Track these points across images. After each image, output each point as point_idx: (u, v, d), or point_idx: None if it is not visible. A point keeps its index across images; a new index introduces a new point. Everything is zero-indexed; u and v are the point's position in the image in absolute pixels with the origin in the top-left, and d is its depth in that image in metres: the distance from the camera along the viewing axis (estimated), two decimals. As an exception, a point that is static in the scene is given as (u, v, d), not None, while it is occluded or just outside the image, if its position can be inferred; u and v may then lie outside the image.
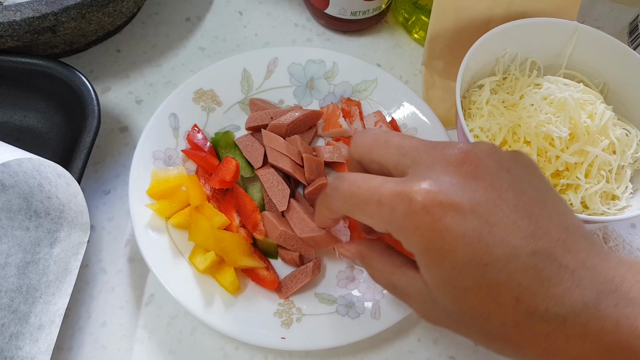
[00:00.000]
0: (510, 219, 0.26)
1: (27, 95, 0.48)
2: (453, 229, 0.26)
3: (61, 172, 0.38)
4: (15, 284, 0.39)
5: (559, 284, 0.25)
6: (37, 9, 0.43)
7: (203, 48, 0.57)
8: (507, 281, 0.25)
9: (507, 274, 0.25)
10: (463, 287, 0.26)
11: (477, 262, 0.25)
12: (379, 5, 0.57)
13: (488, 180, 0.27)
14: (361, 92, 0.53)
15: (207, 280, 0.43)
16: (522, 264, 0.25)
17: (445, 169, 0.27)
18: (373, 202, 0.28)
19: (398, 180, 0.28)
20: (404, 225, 0.27)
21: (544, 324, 0.25)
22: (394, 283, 0.31)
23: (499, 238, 0.25)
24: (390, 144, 0.31)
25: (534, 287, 0.25)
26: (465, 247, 0.26)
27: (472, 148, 0.28)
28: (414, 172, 0.28)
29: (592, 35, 0.50)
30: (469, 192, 0.26)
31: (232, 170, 0.45)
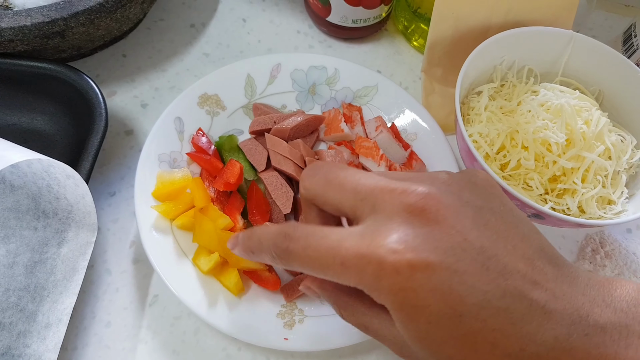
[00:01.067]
0: (478, 262, 0.26)
1: (35, 98, 0.49)
2: (425, 285, 0.25)
3: (70, 173, 0.39)
4: (23, 283, 0.40)
5: (531, 322, 0.25)
6: (47, 14, 0.44)
7: (207, 54, 0.59)
8: (482, 328, 0.25)
9: (481, 321, 0.25)
10: (440, 340, 0.26)
11: (451, 314, 0.25)
12: (379, 14, 0.58)
13: (450, 224, 0.26)
14: (362, 97, 0.54)
15: (210, 281, 0.43)
16: (494, 308, 0.25)
17: (406, 219, 0.27)
18: (336, 264, 0.27)
19: (358, 235, 0.27)
20: (375, 286, 0.26)
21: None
22: (366, 325, 0.31)
23: (469, 286, 0.25)
24: (345, 187, 0.30)
25: (507, 330, 0.25)
26: (439, 301, 0.25)
27: (429, 190, 0.27)
28: (374, 222, 0.28)
29: (587, 43, 0.51)
30: (433, 242, 0.26)
31: (236, 173, 0.46)
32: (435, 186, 0.28)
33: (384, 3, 0.56)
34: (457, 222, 0.27)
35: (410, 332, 0.27)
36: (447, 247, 0.26)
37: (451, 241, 0.26)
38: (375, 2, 0.55)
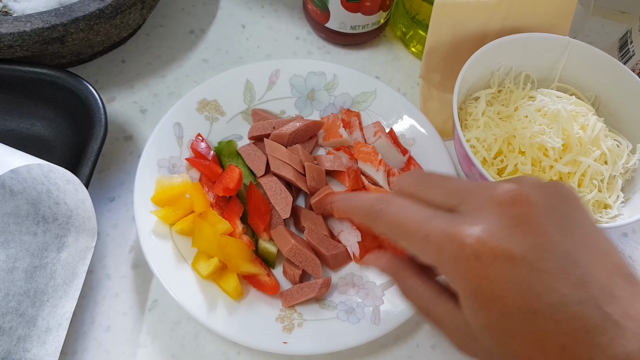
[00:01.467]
0: (560, 266, 0.26)
1: (34, 103, 0.49)
2: (503, 275, 0.26)
3: (70, 178, 0.39)
4: (23, 287, 0.40)
5: (603, 334, 0.25)
6: (46, 20, 0.44)
7: (206, 60, 0.59)
8: (554, 329, 0.25)
9: (554, 322, 0.25)
10: (510, 333, 0.26)
11: (526, 309, 0.26)
12: (377, 20, 0.58)
13: (537, 222, 0.27)
14: (361, 103, 0.55)
15: (210, 286, 0.43)
16: (570, 312, 0.25)
17: (494, 211, 0.27)
18: (420, 236, 0.28)
19: (447, 218, 0.28)
20: (453, 266, 0.27)
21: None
22: (430, 310, 0.30)
23: (548, 286, 0.25)
24: (434, 185, 0.31)
25: (580, 337, 0.25)
26: (515, 294, 0.26)
27: (520, 188, 0.28)
28: (463, 211, 0.28)
29: (584, 50, 0.51)
30: (519, 236, 0.26)
31: (236, 178, 0.46)
32: (525, 186, 0.28)
33: (383, 9, 0.57)
34: (544, 222, 0.27)
35: (480, 320, 0.27)
36: (532, 244, 0.26)
37: (537, 239, 0.26)
38: (373, 8, 0.56)
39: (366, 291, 0.46)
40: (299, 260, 0.45)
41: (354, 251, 0.47)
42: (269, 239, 0.47)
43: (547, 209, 0.27)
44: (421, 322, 0.47)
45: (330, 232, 0.48)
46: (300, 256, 0.45)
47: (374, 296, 0.45)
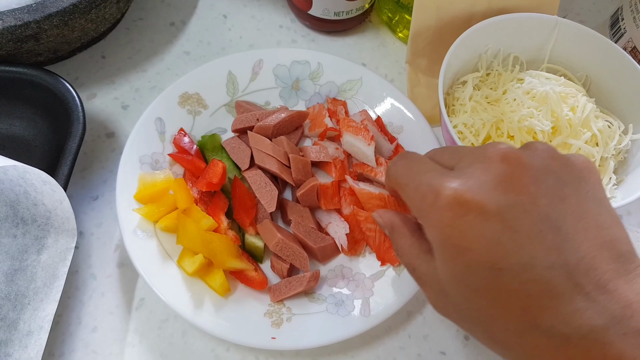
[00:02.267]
0: (536, 228, 0.25)
1: (12, 103, 0.48)
2: (474, 228, 0.26)
3: (46, 178, 0.38)
4: (3, 291, 0.39)
5: (569, 303, 0.24)
6: (19, 17, 0.43)
7: (188, 52, 0.58)
8: (518, 289, 0.25)
9: (519, 283, 0.25)
10: (474, 287, 0.26)
11: (491, 265, 0.25)
12: (362, 5, 0.57)
13: (523, 182, 0.26)
14: (347, 91, 0.54)
15: (196, 283, 0.43)
16: (537, 275, 0.25)
17: (482, 166, 0.27)
18: (412, 186, 0.29)
19: (440, 172, 0.29)
20: (428, 215, 0.28)
21: (546, 339, 0.25)
22: (415, 266, 0.31)
23: (518, 245, 0.25)
24: (446, 149, 0.32)
25: (543, 301, 0.25)
26: (482, 248, 0.26)
27: (512, 148, 0.28)
28: (457, 167, 0.29)
29: (573, 29, 0.50)
30: (499, 193, 0.26)
31: (219, 173, 0.45)
32: (527, 148, 0.29)
33: (366, -6, 0.56)
34: (532, 184, 0.27)
35: (448, 271, 0.28)
36: (511, 203, 0.26)
37: (517, 199, 0.26)
38: (356, -7, 0.54)
39: (356, 283, 0.45)
40: (286, 255, 0.44)
41: (342, 243, 0.46)
42: (256, 233, 0.46)
43: (541, 171, 0.27)
44: (413, 313, 0.46)
45: (317, 224, 0.47)
46: (287, 250, 0.44)
47: (364, 288, 0.44)
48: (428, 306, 0.47)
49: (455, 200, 0.26)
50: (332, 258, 0.47)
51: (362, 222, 0.46)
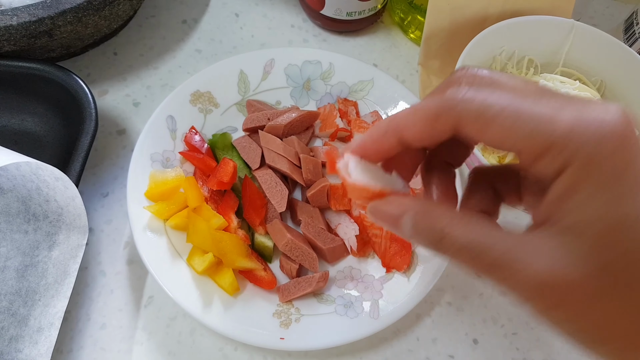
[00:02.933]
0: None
1: (24, 99, 0.48)
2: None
3: (59, 175, 0.38)
4: (14, 287, 0.39)
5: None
6: (33, 13, 0.43)
7: (200, 50, 0.58)
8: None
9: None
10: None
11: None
12: (374, 6, 0.57)
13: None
14: (358, 92, 0.54)
15: (205, 281, 0.43)
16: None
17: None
18: (543, 114, 0.21)
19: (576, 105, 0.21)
20: (592, 139, 0.20)
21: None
22: (488, 244, 0.22)
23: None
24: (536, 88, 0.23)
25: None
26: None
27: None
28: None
29: (588, 32, 0.50)
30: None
31: (230, 172, 0.45)
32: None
33: (379, -5, 0.55)
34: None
35: (611, 201, 0.20)
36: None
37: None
38: (369, -7, 0.54)
39: (365, 285, 0.45)
40: (295, 255, 0.44)
41: (351, 244, 0.46)
42: (265, 233, 0.46)
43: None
44: (422, 316, 0.46)
45: (327, 225, 0.47)
46: (297, 250, 0.44)
47: (373, 290, 0.44)
48: (437, 309, 0.46)
49: (629, 129, 0.20)
50: (341, 259, 0.47)
51: (369, 228, 0.46)
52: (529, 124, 0.21)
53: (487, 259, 0.22)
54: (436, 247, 0.24)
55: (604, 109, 0.20)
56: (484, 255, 0.22)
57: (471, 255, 0.23)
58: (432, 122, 0.23)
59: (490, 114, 0.21)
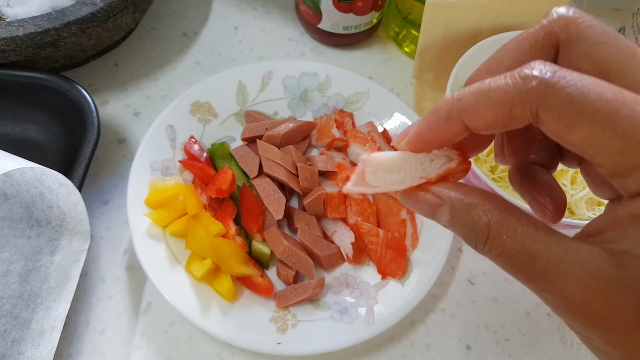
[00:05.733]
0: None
1: (28, 108, 0.49)
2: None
3: (63, 181, 0.39)
4: (17, 290, 0.40)
5: None
6: (39, 24, 0.45)
7: (199, 62, 0.59)
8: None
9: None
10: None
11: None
12: (370, 20, 0.58)
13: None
14: (354, 103, 0.55)
15: (203, 287, 0.43)
16: None
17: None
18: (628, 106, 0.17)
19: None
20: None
21: None
22: (536, 253, 0.20)
23: None
24: (636, 54, 0.20)
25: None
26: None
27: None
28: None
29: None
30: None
31: (229, 180, 0.46)
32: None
33: (375, 9, 0.57)
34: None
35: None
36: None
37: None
38: (365, 8, 0.56)
39: (360, 291, 0.46)
40: (292, 262, 0.45)
41: (347, 252, 0.47)
42: (263, 240, 0.47)
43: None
44: (416, 322, 0.47)
45: (323, 232, 0.48)
46: (293, 257, 0.45)
47: (368, 296, 0.45)
48: (431, 315, 0.47)
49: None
50: (337, 266, 0.47)
51: (365, 235, 0.47)
52: (627, 131, 0.17)
53: (534, 268, 0.20)
54: (477, 247, 0.22)
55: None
56: (530, 263, 0.20)
57: (516, 262, 0.21)
58: (508, 110, 0.19)
59: (581, 108, 0.18)
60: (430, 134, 0.22)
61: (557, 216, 0.25)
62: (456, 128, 0.21)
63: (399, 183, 0.23)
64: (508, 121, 0.20)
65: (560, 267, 0.20)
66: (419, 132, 0.22)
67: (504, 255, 0.21)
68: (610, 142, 0.18)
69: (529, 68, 0.19)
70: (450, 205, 0.22)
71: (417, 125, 0.22)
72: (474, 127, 0.21)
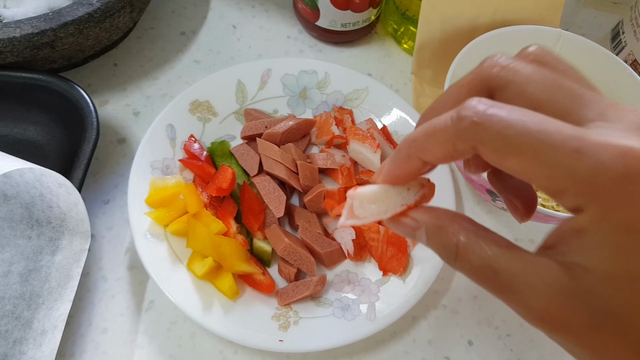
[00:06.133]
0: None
1: (27, 109, 0.49)
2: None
3: (62, 181, 0.39)
4: (18, 291, 0.40)
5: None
6: (36, 25, 0.45)
7: (198, 61, 0.59)
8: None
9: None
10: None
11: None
12: (368, 17, 0.58)
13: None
14: (353, 100, 0.55)
15: (205, 285, 0.43)
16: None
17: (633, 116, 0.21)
18: (566, 148, 0.19)
19: (597, 129, 0.20)
20: (612, 189, 0.19)
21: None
22: (499, 268, 0.22)
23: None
24: (562, 86, 0.22)
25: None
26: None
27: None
28: (607, 126, 0.21)
29: (576, 41, 0.51)
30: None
31: (229, 178, 0.46)
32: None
33: (372, 6, 0.57)
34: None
35: (624, 264, 0.20)
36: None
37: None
38: (363, 5, 0.56)
39: (361, 288, 0.46)
40: (293, 259, 0.45)
41: (348, 249, 0.47)
42: (264, 238, 0.47)
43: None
44: (418, 318, 0.47)
45: (324, 230, 0.48)
46: (295, 255, 0.45)
47: (370, 293, 0.45)
48: (433, 311, 0.47)
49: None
50: (338, 263, 0.47)
51: (366, 232, 0.47)
52: (550, 158, 0.19)
53: (498, 281, 0.22)
54: (450, 264, 0.24)
55: (628, 149, 0.19)
56: (495, 277, 0.22)
57: (483, 276, 0.23)
58: (452, 146, 0.22)
59: (508, 142, 0.20)
60: (398, 171, 0.25)
61: (527, 215, 0.28)
62: (417, 164, 0.24)
63: (384, 212, 0.26)
64: (456, 155, 0.22)
65: (520, 279, 0.22)
66: (389, 170, 0.26)
67: (472, 271, 0.23)
68: (537, 169, 0.20)
69: (464, 108, 0.21)
70: (425, 228, 0.25)
71: (387, 164, 0.26)
72: (431, 162, 0.24)
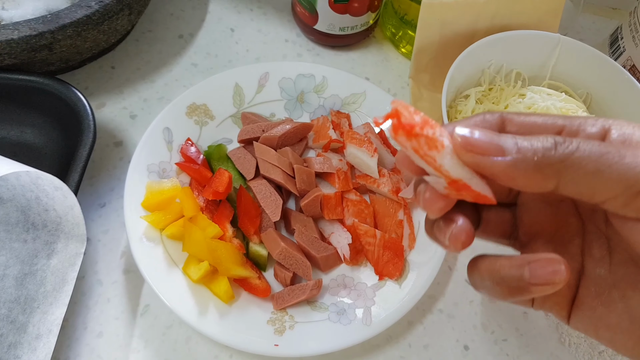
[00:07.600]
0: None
1: (24, 111, 0.49)
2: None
3: (58, 184, 0.39)
4: (13, 294, 0.40)
5: None
6: (34, 27, 0.44)
7: (196, 64, 0.59)
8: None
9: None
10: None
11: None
12: (366, 21, 0.58)
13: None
14: (350, 104, 0.55)
15: (201, 290, 0.43)
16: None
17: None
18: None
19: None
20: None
21: None
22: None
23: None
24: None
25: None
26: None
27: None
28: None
29: (574, 46, 0.51)
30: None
31: (225, 182, 0.46)
32: None
33: (371, 10, 0.57)
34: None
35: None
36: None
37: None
38: (361, 9, 0.56)
39: (357, 292, 0.46)
40: (289, 263, 0.45)
41: (344, 253, 0.47)
42: (260, 242, 0.47)
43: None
44: (413, 323, 0.47)
45: (320, 234, 0.48)
46: (291, 259, 0.45)
47: (365, 297, 0.45)
48: (429, 316, 0.47)
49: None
50: (334, 267, 0.47)
51: (362, 236, 0.47)
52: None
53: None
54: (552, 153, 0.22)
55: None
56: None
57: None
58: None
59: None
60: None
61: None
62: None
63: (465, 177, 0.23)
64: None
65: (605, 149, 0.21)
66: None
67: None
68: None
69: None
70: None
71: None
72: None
